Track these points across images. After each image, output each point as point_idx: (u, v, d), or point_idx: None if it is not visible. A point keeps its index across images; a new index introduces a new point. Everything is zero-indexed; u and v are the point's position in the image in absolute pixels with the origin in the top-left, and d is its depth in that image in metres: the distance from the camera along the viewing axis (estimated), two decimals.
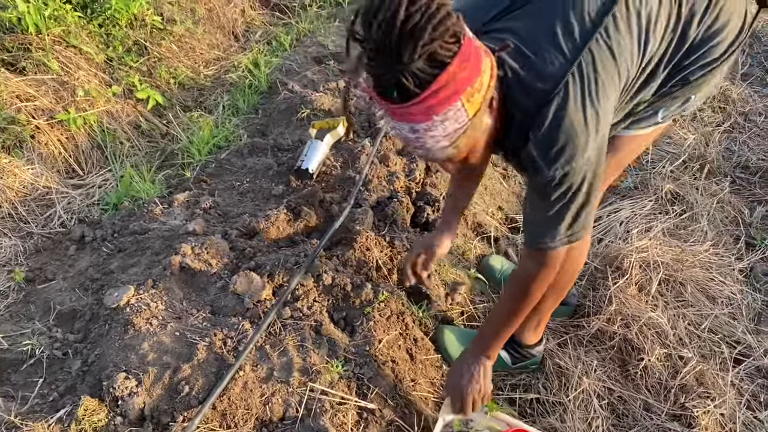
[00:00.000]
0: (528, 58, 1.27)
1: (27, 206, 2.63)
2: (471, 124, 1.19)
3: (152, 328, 1.87)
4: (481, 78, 1.15)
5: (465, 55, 1.10)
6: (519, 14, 1.35)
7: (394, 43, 1.03)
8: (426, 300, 2.21)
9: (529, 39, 1.29)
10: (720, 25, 1.43)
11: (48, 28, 3.15)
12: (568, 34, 1.27)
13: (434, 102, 1.11)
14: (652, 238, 2.67)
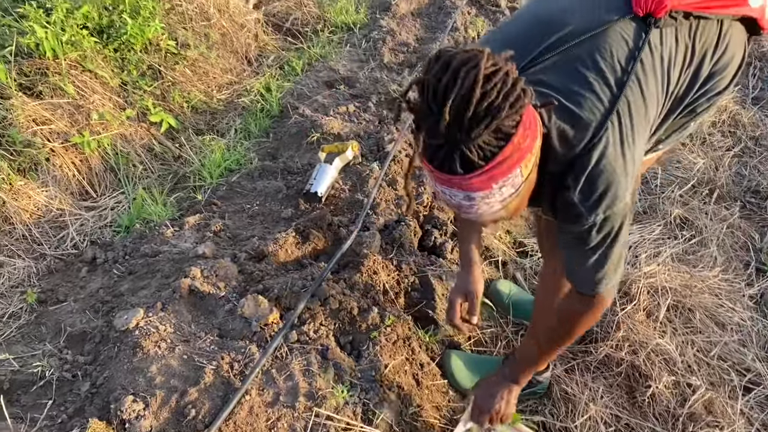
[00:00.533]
0: (567, 109, 1.27)
1: (41, 228, 2.67)
2: (524, 186, 1.17)
3: (160, 351, 1.88)
4: (537, 141, 1.15)
5: (526, 123, 1.08)
6: (547, 66, 1.33)
7: (466, 121, 1.00)
8: (433, 324, 2.22)
9: (564, 90, 1.28)
10: (727, 58, 1.45)
11: (65, 52, 3.22)
12: (604, 82, 1.29)
13: (497, 172, 1.08)
14: (660, 263, 2.66)
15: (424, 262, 2.48)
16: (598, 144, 1.26)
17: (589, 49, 1.31)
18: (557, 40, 1.34)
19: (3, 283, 2.40)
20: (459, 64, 1.01)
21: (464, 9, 5.12)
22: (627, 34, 1.32)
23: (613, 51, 1.30)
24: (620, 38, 1.32)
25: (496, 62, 1.03)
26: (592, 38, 1.32)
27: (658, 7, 1.31)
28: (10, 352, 2.05)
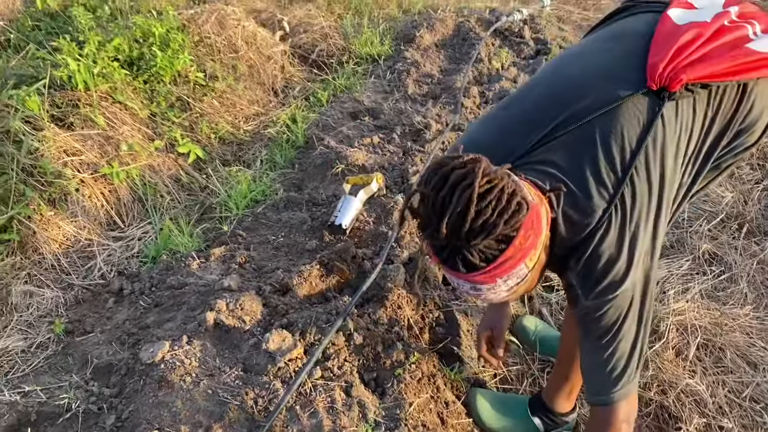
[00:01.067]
0: (573, 194, 1.29)
1: (69, 258, 2.71)
2: (529, 275, 1.21)
3: (185, 386, 1.89)
4: (543, 237, 1.18)
5: (529, 224, 1.12)
6: (558, 143, 1.35)
7: (463, 234, 1.07)
8: (458, 361, 2.20)
9: (572, 172, 1.30)
10: (755, 115, 1.43)
11: (96, 84, 3.30)
12: (610, 166, 1.29)
13: (499, 271, 1.13)
14: (689, 299, 2.61)
15: (449, 296, 2.46)
16: (599, 229, 1.28)
17: (601, 128, 1.31)
18: (570, 116, 1.34)
19: (32, 313, 2.43)
20: (455, 181, 1.07)
21: (488, 40, 5.15)
22: (640, 110, 1.32)
23: (624, 130, 1.30)
24: (632, 115, 1.31)
25: (492, 179, 1.08)
26: (604, 115, 1.32)
27: (673, 82, 1.30)
28: (37, 383, 2.07)
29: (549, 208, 1.25)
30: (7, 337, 2.30)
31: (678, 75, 1.30)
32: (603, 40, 1.53)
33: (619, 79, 1.36)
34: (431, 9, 6.02)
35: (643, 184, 1.29)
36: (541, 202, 1.22)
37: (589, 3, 6.92)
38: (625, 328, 1.33)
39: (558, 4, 6.70)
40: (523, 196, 1.11)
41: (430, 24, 5.42)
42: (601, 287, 1.30)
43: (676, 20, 1.42)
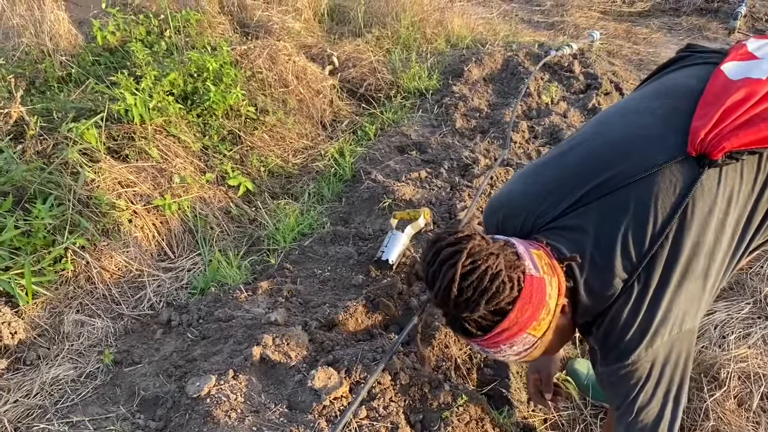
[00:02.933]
0: (596, 264, 1.29)
1: (120, 288, 2.75)
2: (540, 342, 1.23)
3: (230, 422, 1.87)
4: (546, 306, 1.20)
5: (526, 298, 1.16)
6: (591, 208, 1.33)
7: (452, 306, 1.14)
8: (507, 405, 2.13)
9: (598, 240, 1.30)
10: None
11: (151, 118, 3.39)
12: (639, 236, 1.26)
13: (499, 340, 1.19)
14: (751, 345, 2.49)
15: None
16: (619, 299, 1.27)
17: (635, 196, 1.29)
18: (605, 181, 1.32)
19: (82, 342, 2.47)
20: (444, 258, 1.14)
21: (537, 74, 5.12)
22: (677, 177, 1.27)
23: (658, 200, 1.27)
24: (669, 183, 1.27)
25: (477, 259, 1.12)
26: (640, 182, 1.29)
27: (714, 150, 1.24)
28: (85, 413, 2.09)
29: (565, 278, 1.26)
30: (58, 366, 2.33)
31: (721, 142, 1.24)
32: (649, 98, 1.47)
33: (660, 143, 1.32)
34: (479, 43, 6.04)
35: (672, 254, 1.25)
36: (554, 272, 1.23)
37: (639, 37, 6.84)
38: (644, 399, 1.30)
39: (608, 38, 6.65)
40: (512, 275, 1.14)
41: (478, 58, 5.42)
42: (615, 353, 1.29)
43: (730, 75, 1.35)
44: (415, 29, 6.03)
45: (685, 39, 6.70)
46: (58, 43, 4.31)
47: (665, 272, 1.25)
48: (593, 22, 7.36)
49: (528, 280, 1.16)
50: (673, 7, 7.93)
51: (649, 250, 1.25)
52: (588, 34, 6.24)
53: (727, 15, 7.24)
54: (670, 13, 7.86)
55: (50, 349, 2.42)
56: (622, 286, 1.27)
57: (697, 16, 7.62)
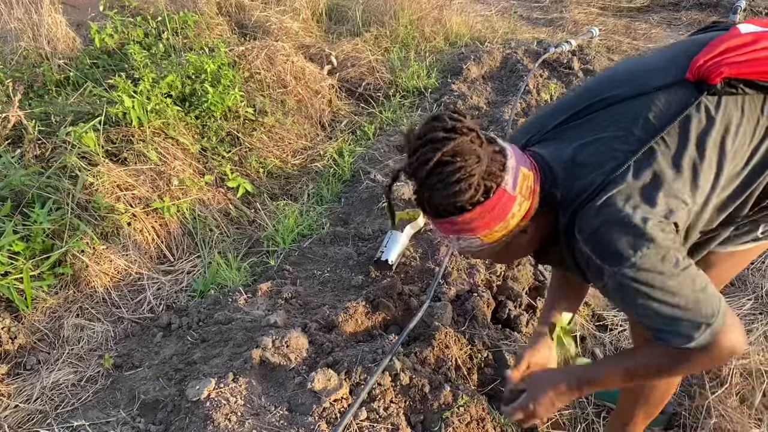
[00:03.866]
0: (579, 166, 1.31)
1: (120, 291, 2.75)
2: (488, 248, 1.31)
3: (231, 425, 1.87)
4: (505, 221, 1.25)
5: (488, 207, 1.21)
6: (584, 121, 1.38)
7: (418, 182, 1.20)
8: None
9: (584, 146, 1.33)
10: None
11: (149, 120, 3.38)
12: (631, 134, 1.28)
13: (448, 227, 1.26)
14: (753, 342, 2.48)
15: (498, 336, 2.40)
16: (605, 190, 1.25)
17: (629, 109, 1.32)
18: (600, 100, 1.37)
19: (82, 346, 2.47)
20: (432, 138, 1.18)
21: (536, 72, 5.11)
22: (673, 98, 1.29)
23: (651, 112, 1.29)
24: (664, 101, 1.29)
25: (458, 154, 1.15)
26: (634, 99, 1.32)
27: (713, 74, 1.25)
28: (85, 417, 2.08)
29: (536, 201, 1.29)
30: (58, 370, 2.33)
31: (719, 68, 1.25)
32: (663, 48, 1.51)
33: (660, 72, 1.34)
34: (478, 41, 6.03)
35: (666, 160, 1.25)
36: (530, 197, 1.27)
37: (639, 32, 6.83)
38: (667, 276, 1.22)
39: (607, 34, 6.63)
40: (486, 183, 1.19)
41: (477, 56, 5.41)
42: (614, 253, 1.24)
43: (742, 30, 1.35)
44: (414, 28, 6.02)
45: (684, 34, 6.68)
46: (56, 47, 4.31)
47: (651, 173, 1.25)
48: (592, 18, 7.34)
49: (499, 193, 1.21)
50: (673, 2, 7.91)
51: (636, 150, 1.26)
52: (587, 30, 6.23)
53: (726, 9, 7.22)
54: (669, 8, 7.85)
55: (50, 353, 2.42)
56: (602, 180, 1.26)
57: (696, 10, 7.60)
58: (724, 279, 1.60)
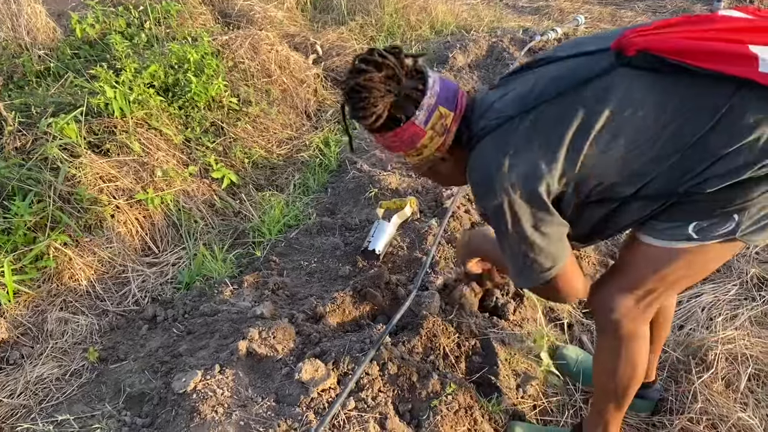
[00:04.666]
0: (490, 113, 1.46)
1: (104, 284, 2.72)
2: (416, 165, 1.59)
3: (217, 417, 1.85)
4: (417, 150, 1.49)
5: (398, 135, 1.46)
6: (520, 76, 1.50)
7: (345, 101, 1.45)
8: (496, 392, 2.12)
9: (507, 90, 1.47)
10: (747, 123, 1.23)
11: (132, 111, 3.34)
12: (528, 94, 1.40)
13: (375, 138, 1.53)
14: (738, 327, 2.50)
15: (485, 324, 2.40)
16: (489, 135, 1.43)
17: (556, 67, 1.43)
18: (548, 57, 1.49)
19: (66, 340, 2.44)
20: (351, 69, 1.42)
21: (522, 60, 5.10)
22: (591, 64, 1.36)
23: (566, 72, 1.38)
24: (580, 66, 1.37)
25: (364, 87, 1.37)
26: (565, 60, 1.42)
27: (629, 46, 1.30)
28: (70, 412, 2.06)
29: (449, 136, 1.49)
30: (42, 364, 2.31)
31: (636, 40, 1.29)
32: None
33: (602, 40, 1.40)
34: (464, 30, 6.01)
35: (550, 119, 1.35)
36: (443, 134, 1.47)
37: (624, 20, 6.83)
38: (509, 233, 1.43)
39: (592, 21, 6.63)
40: (395, 114, 1.42)
41: (463, 45, 5.39)
42: (476, 191, 1.47)
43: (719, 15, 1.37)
44: (399, 16, 5.98)
45: None
46: (36, 37, 4.25)
47: (531, 129, 1.37)
48: (578, 6, 7.33)
49: (408, 124, 1.43)
50: None
51: (529, 107, 1.38)
52: (573, 18, 6.22)
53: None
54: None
55: (34, 347, 2.39)
56: (493, 126, 1.42)
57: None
58: (635, 275, 1.55)
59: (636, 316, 1.57)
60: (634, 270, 1.55)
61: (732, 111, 1.23)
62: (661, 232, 1.44)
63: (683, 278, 1.50)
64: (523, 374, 2.26)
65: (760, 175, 1.25)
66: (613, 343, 1.63)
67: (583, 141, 1.32)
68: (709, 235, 1.36)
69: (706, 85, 1.25)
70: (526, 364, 2.31)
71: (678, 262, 1.45)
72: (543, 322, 2.54)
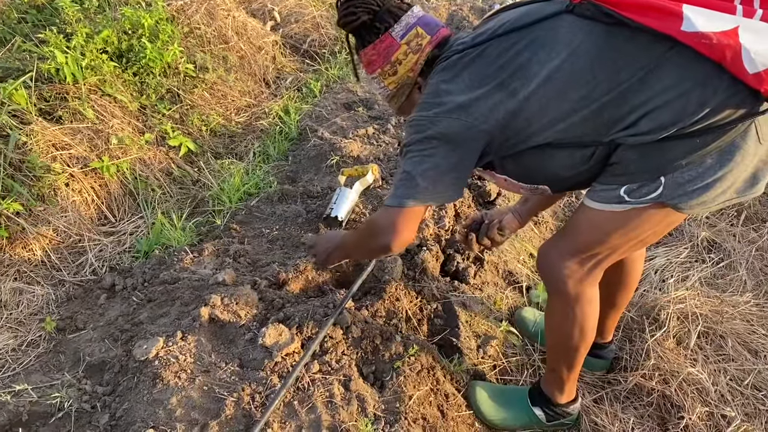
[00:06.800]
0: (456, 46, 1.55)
1: (60, 254, 2.66)
2: (393, 97, 1.72)
3: (180, 382, 1.85)
4: (393, 67, 1.63)
5: (378, 45, 1.62)
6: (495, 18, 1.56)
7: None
8: (457, 353, 2.17)
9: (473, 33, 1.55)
10: (663, 86, 1.27)
11: (84, 77, 3.23)
12: (482, 33, 1.49)
13: (365, 65, 1.70)
14: (689, 287, 2.59)
15: (446, 288, 2.43)
16: (442, 63, 1.54)
17: (517, 11, 1.49)
18: (510, 5, 1.57)
19: (22, 311, 2.38)
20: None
21: None
22: (546, 9, 1.42)
23: (520, 15, 1.45)
24: (537, 10, 1.43)
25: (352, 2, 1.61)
26: (527, 5, 1.49)
27: None
28: (28, 382, 2.02)
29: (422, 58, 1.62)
30: None
31: None
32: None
33: None
34: None
35: (491, 56, 1.43)
36: (418, 52, 1.61)
37: None
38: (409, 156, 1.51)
39: None
40: (375, 24, 1.61)
41: None
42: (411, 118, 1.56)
43: None
44: None
45: None
46: None
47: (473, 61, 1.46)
48: None
49: (385, 36, 1.61)
50: None
51: (478, 42, 1.47)
52: None
53: None
54: None
55: None
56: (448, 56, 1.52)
57: None
58: (579, 237, 1.59)
59: (581, 277, 1.62)
60: (578, 233, 1.60)
61: (659, 68, 1.27)
62: (597, 193, 1.49)
63: (624, 243, 1.54)
64: (483, 336, 2.31)
65: (682, 135, 1.29)
66: (561, 305, 1.69)
67: (518, 79, 1.39)
68: (640, 198, 1.41)
69: (643, 40, 1.28)
70: (486, 325, 2.35)
71: (615, 225, 1.49)
72: (502, 285, 2.59)
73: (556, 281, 1.66)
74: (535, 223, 3.14)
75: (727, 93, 1.23)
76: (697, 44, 1.20)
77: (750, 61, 1.15)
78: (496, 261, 2.69)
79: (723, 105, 1.23)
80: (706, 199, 1.36)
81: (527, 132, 1.43)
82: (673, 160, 1.33)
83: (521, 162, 1.53)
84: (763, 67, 1.15)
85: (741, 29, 1.16)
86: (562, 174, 1.52)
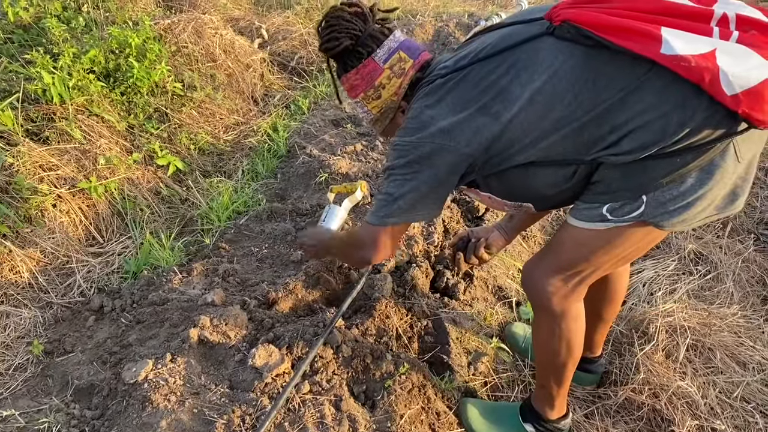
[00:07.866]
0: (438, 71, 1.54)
1: (47, 276, 2.64)
2: (378, 121, 1.73)
3: (170, 405, 1.83)
4: (377, 91, 1.64)
5: (361, 70, 1.63)
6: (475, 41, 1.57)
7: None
8: (448, 370, 2.16)
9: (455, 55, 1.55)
10: (650, 104, 1.27)
11: (72, 97, 3.23)
12: (468, 55, 1.49)
13: (348, 90, 1.69)
14: (677, 300, 2.61)
15: (436, 304, 2.43)
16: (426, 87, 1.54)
17: (498, 33, 1.48)
18: (491, 27, 1.58)
19: (8, 334, 2.36)
20: (329, 12, 1.64)
21: None
22: (522, 31, 1.43)
23: (500, 39, 1.44)
24: (518, 32, 1.43)
25: (333, 24, 1.62)
26: (508, 26, 1.49)
27: (557, 17, 1.36)
28: (15, 407, 2.00)
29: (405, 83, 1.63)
30: None
31: (564, 12, 1.34)
32: None
33: (540, 12, 1.46)
34: (410, 14, 6.01)
35: (473, 81, 1.44)
36: (401, 76, 1.62)
37: None
38: (391, 178, 1.53)
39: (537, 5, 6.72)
40: (358, 49, 1.61)
41: (409, 29, 5.40)
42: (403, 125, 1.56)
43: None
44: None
45: None
46: None
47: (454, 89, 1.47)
48: None
49: (368, 60, 1.62)
50: None
51: (459, 67, 1.47)
52: (517, 3, 6.30)
53: None
54: None
55: None
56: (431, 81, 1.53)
57: None
58: (563, 256, 1.60)
59: (566, 294, 1.63)
60: (561, 251, 1.61)
61: (639, 90, 1.28)
62: (580, 211, 1.51)
63: (607, 260, 1.55)
64: (474, 352, 2.31)
65: (662, 155, 1.31)
66: (547, 322, 1.70)
67: (500, 102, 1.39)
68: (622, 217, 1.42)
69: (623, 62, 1.29)
70: (477, 342, 2.36)
71: (598, 243, 1.51)
72: (492, 300, 2.59)
73: (540, 298, 1.67)
74: (524, 237, 3.15)
75: (705, 114, 1.24)
76: (676, 66, 1.22)
77: (728, 84, 1.17)
78: (486, 276, 2.70)
79: (702, 125, 1.25)
80: (687, 217, 1.38)
81: (510, 152, 1.45)
82: (655, 179, 1.34)
83: (505, 180, 1.54)
84: (740, 89, 1.17)
85: (718, 52, 1.18)
86: (545, 192, 1.53)
